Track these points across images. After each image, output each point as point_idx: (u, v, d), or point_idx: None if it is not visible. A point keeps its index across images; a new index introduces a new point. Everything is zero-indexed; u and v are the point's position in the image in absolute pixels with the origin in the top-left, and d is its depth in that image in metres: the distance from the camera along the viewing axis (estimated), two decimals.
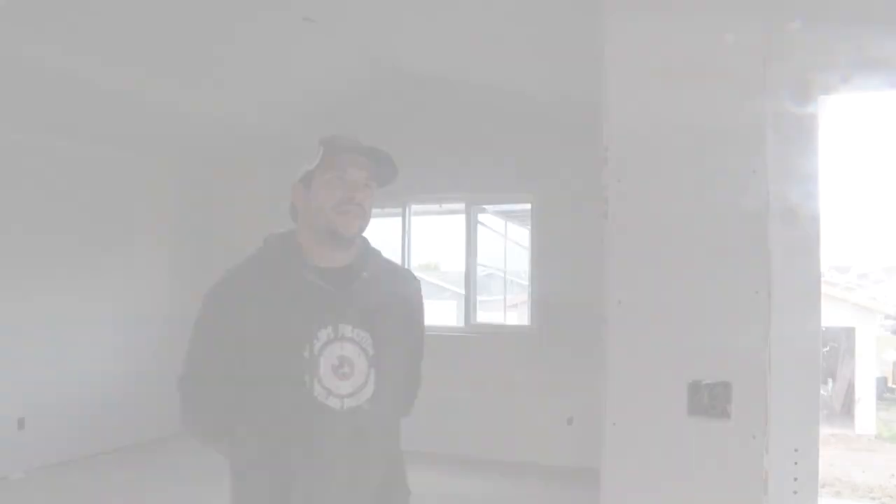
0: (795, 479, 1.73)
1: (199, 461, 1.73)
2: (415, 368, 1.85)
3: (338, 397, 1.58)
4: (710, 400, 1.70)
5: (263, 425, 1.60)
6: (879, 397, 14.06)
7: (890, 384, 15.41)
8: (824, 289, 2.10)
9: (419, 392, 1.90)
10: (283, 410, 1.58)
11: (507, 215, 7.85)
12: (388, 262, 1.78)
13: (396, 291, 1.74)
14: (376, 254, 1.74)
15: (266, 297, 1.58)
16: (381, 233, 7.15)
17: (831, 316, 12.99)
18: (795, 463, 1.73)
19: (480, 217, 6.81)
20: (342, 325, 1.60)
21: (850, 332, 13.59)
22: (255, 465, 1.62)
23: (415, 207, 6.79)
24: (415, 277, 1.85)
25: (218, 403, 1.66)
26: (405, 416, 1.87)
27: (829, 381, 13.41)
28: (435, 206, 7.21)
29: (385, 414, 1.66)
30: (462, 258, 6.68)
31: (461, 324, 6.62)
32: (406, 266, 6.71)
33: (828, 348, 13.50)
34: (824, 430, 11.76)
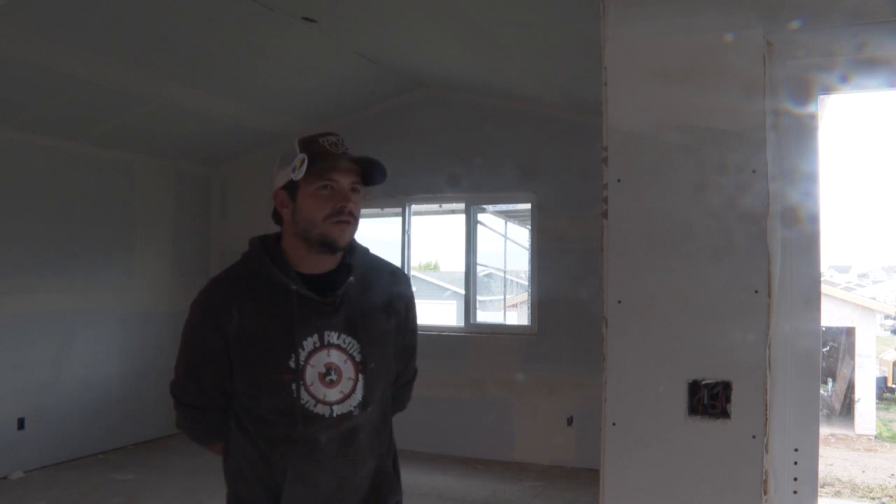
0: (795, 479, 1.73)
1: (198, 461, 1.73)
2: (411, 363, 1.84)
3: (326, 405, 1.56)
4: (710, 400, 1.70)
5: (253, 434, 1.60)
6: (879, 397, 14.08)
7: (890, 384, 15.43)
8: (824, 289, 2.10)
9: (415, 385, 1.89)
10: (271, 420, 1.57)
11: (507, 215, 7.86)
12: (376, 260, 1.74)
13: (384, 292, 1.71)
14: (363, 253, 1.70)
15: (250, 308, 1.56)
16: (381, 233, 7.16)
17: (831, 316, 13.00)
18: (795, 463, 1.73)
19: (480, 217, 6.81)
20: (328, 333, 1.58)
21: (850, 332, 13.61)
22: (247, 473, 1.62)
23: (415, 207, 6.79)
24: (404, 274, 1.82)
25: (206, 410, 1.65)
26: (401, 410, 1.86)
27: (829, 381, 13.43)
28: (435, 206, 7.22)
29: (375, 418, 1.65)
30: (462, 258, 6.67)
31: (461, 324, 6.62)
32: (405, 266, 6.72)
33: (828, 348, 13.52)
34: (824, 430, 11.80)
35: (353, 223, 1.58)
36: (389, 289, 1.73)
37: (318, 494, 1.59)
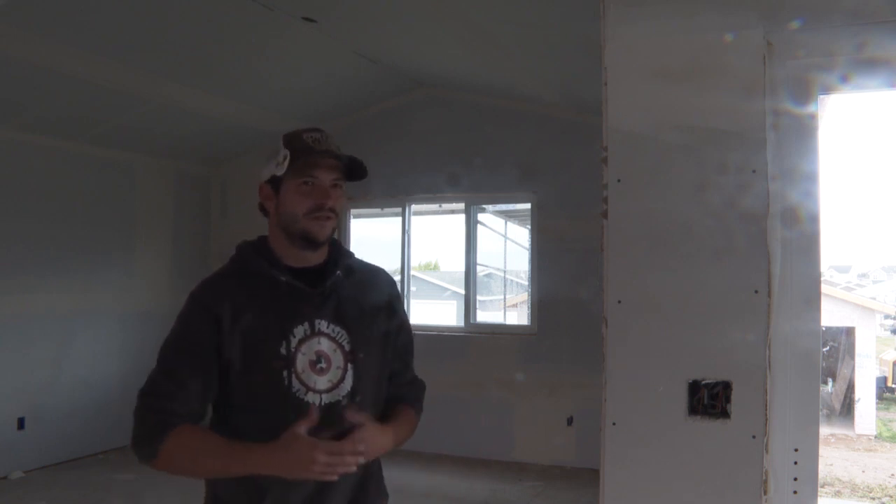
0: (795, 479, 1.73)
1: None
2: (409, 367, 1.83)
3: (316, 393, 1.57)
4: (710, 400, 1.70)
5: (240, 432, 1.58)
6: (879, 397, 14.09)
7: (890, 384, 15.43)
8: (824, 289, 2.11)
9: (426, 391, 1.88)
10: (261, 407, 1.57)
11: (507, 215, 7.86)
12: (361, 261, 1.79)
13: (372, 288, 1.74)
14: (348, 254, 1.75)
15: (242, 301, 1.58)
16: (382, 233, 7.16)
17: (831, 316, 13.00)
18: (795, 463, 1.73)
19: (480, 217, 6.81)
20: (318, 321, 1.60)
21: (850, 332, 13.61)
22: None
23: (415, 207, 6.79)
24: (389, 275, 1.84)
25: (176, 401, 1.60)
26: (416, 417, 1.83)
27: (829, 381, 13.42)
28: (435, 206, 7.22)
29: (364, 410, 1.64)
30: (462, 258, 6.67)
31: (461, 324, 6.62)
32: (405, 266, 6.73)
33: (828, 348, 13.52)
34: (824, 430, 11.79)
35: (333, 219, 1.62)
36: (378, 286, 1.76)
37: (304, 492, 1.58)
